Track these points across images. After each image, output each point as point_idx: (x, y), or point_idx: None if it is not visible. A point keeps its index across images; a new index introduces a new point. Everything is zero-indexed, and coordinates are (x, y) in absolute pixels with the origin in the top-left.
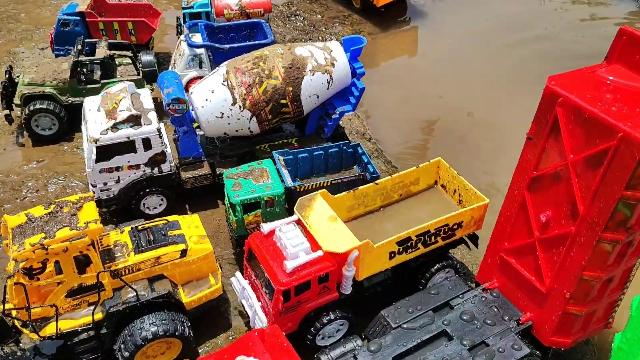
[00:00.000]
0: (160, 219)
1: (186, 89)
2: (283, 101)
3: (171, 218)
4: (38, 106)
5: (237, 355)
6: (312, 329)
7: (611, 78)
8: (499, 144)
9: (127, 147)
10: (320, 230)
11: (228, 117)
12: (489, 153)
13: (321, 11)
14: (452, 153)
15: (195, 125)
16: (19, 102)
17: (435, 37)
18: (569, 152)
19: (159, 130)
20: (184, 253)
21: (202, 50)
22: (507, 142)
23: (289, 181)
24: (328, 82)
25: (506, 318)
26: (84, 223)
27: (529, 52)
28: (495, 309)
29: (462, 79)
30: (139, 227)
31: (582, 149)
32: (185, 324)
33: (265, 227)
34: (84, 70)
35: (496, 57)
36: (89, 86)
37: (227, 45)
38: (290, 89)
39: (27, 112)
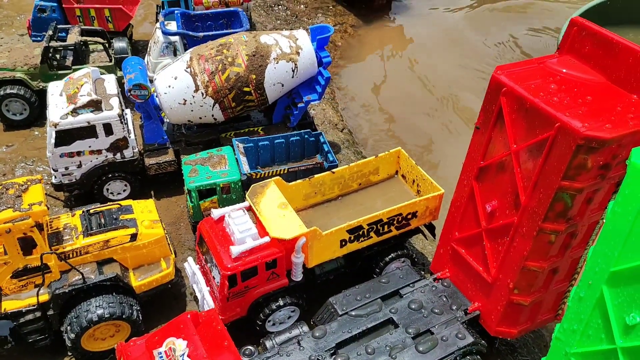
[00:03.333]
0: (113, 202)
1: None
2: (246, 89)
3: (124, 202)
4: (9, 91)
5: (167, 337)
6: (261, 315)
7: (560, 69)
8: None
9: (88, 132)
10: (269, 217)
11: (191, 104)
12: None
13: (305, 1)
14: (430, 147)
15: (164, 114)
16: None
17: (420, 30)
18: (512, 142)
19: (120, 115)
20: (134, 237)
21: (176, 38)
22: None
23: (245, 168)
24: (293, 71)
25: (454, 307)
26: (28, 205)
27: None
28: (445, 299)
29: (448, 73)
30: (91, 211)
31: (524, 139)
32: (133, 307)
33: (216, 213)
34: (57, 56)
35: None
36: (60, 72)
37: (201, 34)
38: (254, 76)
39: None
